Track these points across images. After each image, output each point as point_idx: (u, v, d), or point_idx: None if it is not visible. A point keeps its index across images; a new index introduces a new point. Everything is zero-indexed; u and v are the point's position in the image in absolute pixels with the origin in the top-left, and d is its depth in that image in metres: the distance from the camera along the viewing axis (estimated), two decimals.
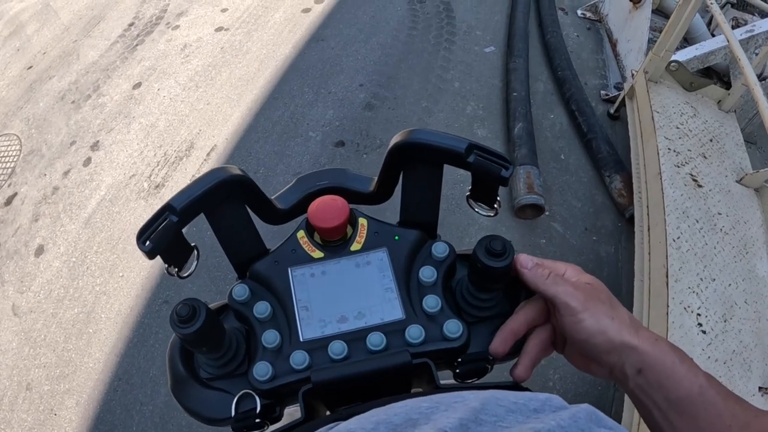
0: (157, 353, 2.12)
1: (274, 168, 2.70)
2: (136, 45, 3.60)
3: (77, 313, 2.28)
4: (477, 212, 0.57)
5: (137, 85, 3.29)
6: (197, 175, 2.27)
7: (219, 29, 3.63)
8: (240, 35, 3.56)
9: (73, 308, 2.30)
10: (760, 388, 1.51)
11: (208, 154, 2.81)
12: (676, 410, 0.45)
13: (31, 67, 3.65)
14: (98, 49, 3.65)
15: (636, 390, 0.47)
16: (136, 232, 0.51)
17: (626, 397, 1.70)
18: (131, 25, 3.81)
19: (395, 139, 0.55)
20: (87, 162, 2.87)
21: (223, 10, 3.80)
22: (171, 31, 3.68)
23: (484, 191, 0.55)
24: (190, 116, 3.04)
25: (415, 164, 0.57)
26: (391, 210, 0.64)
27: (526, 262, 0.53)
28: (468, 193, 0.57)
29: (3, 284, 2.45)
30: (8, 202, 2.79)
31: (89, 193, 2.72)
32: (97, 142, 2.97)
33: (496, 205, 0.56)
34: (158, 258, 0.51)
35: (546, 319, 0.55)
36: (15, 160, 3.01)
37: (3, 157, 3.06)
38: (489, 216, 0.57)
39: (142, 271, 2.34)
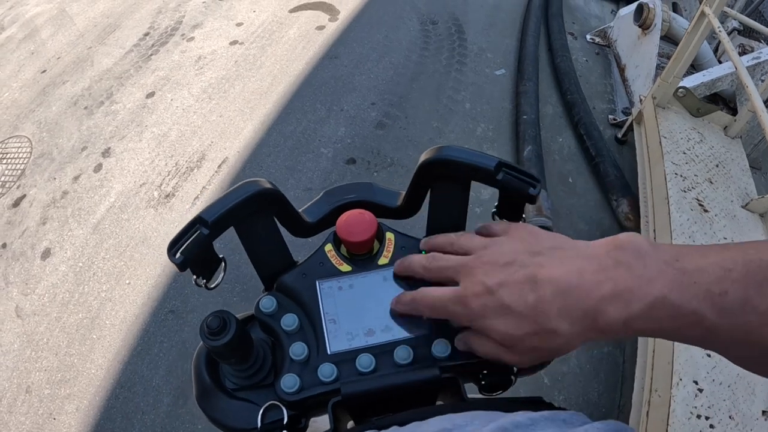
0: (161, 362, 2.11)
1: (285, 183, 2.71)
2: (151, 55, 3.64)
3: (81, 319, 2.28)
4: None
5: (150, 95, 3.32)
6: (208, 187, 2.30)
7: (233, 43, 3.67)
8: (254, 49, 3.59)
9: (77, 313, 2.29)
10: (763, 411, 1.51)
11: (219, 166, 2.82)
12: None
13: (44, 71, 3.68)
14: (112, 56, 3.69)
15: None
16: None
17: (631, 417, 1.70)
18: (146, 34, 3.86)
19: (425, 156, 0.56)
20: (98, 168, 2.89)
21: (238, 24, 3.85)
22: (186, 42, 3.72)
23: (510, 208, 0.56)
24: (202, 128, 3.06)
25: (444, 181, 0.58)
26: (415, 223, 0.65)
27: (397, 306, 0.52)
28: (494, 210, 0.58)
29: (8, 285, 2.45)
30: (17, 203, 2.81)
31: (99, 199, 2.73)
32: (109, 149, 3.00)
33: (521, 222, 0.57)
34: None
35: None
36: (25, 162, 3.03)
37: (13, 158, 3.08)
38: None
39: (149, 279, 2.34)
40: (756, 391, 1.55)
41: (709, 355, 1.59)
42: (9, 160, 3.07)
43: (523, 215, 0.57)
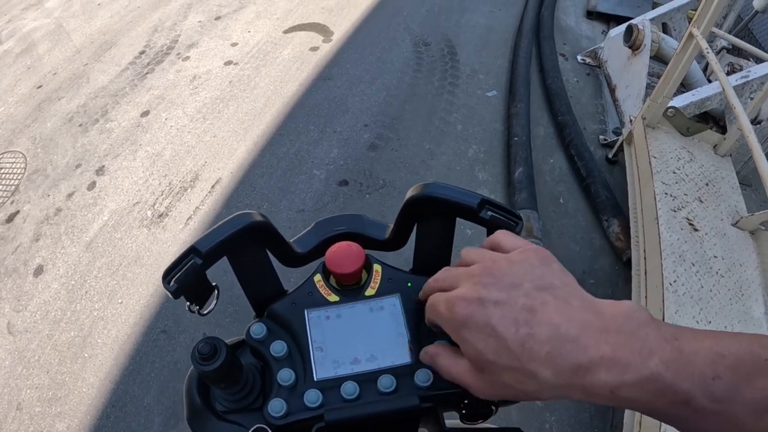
0: (152, 382, 2.10)
1: (278, 204, 2.72)
2: (146, 73, 3.67)
3: (73, 337, 2.27)
4: None
5: (145, 113, 3.34)
6: (201, 207, 2.31)
7: (228, 63, 3.71)
8: (249, 70, 3.63)
9: (69, 331, 2.29)
10: None
11: (212, 187, 2.83)
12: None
13: (40, 86, 3.71)
14: (108, 74, 3.72)
15: None
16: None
17: None
18: (142, 53, 3.89)
19: (411, 192, 0.58)
20: (91, 186, 2.90)
21: (233, 45, 3.89)
22: (181, 61, 3.76)
23: None
24: (196, 147, 3.08)
25: (429, 216, 0.60)
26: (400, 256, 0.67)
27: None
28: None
29: None
30: (10, 219, 2.81)
31: (92, 217, 2.74)
32: (103, 166, 3.01)
33: None
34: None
35: None
36: (19, 177, 3.04)
37: (7, 173, 3.08)
38: None
39: (142, 299, 2.34)
40: None
41: None
42: (3, 176, 3.07)
43: None
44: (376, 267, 0.61)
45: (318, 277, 0.60)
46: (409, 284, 0.60)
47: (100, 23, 4.34)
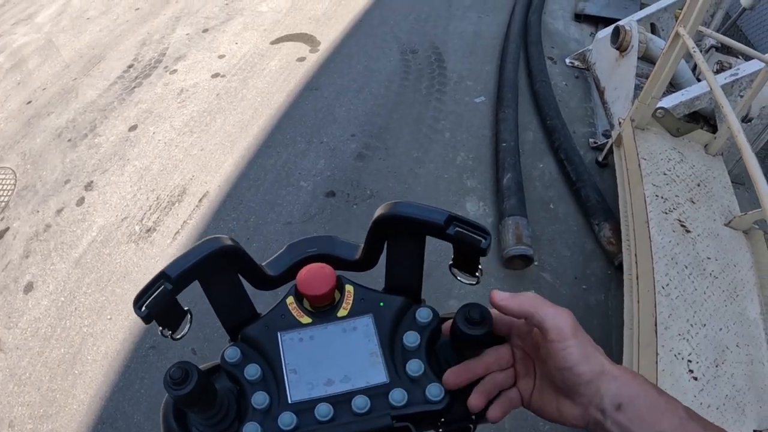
0: (142, 398, 2.09)
1: (265, 217, 2.71)
2: (134, 87, 3.67)
3: (63, 353, 2.26)
4: (459, 280, 0.60)
5: (133, 128, 3.33)
6: (189, 221, 2.29)
7: (215, 75, 3.71)
8: (236, 82, 3.63)
9: (59, 348, 2.28)
10: (755, 431, 1.50)
11: (200, 201, 2.83)
12: None
13: (30, 102, 3.71)
14: (97, 88, 3.72)
15: (614, 428, 0.46)
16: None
17: None
18: (130, 66, 3.89)
19: (379, 212, 0.59)
20: (80, 202, 2.89)
21: (220, 57, 3.89)
22: (169, 75, 3.76)
23: (465, 261, 0.58)
24: (183, 161, 3.07)
25: (399, 235, 0.60)
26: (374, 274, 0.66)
27: (503, 296, 0.51)
28: (451, 263, 0.60)
29: None
30: (0, 236, 2.80)
31: (81, 233, 2.73)
32: (91, 182, 3.00)
33: (477, 274, 0.59)
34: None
35: (508, 364, 0.55)
36: (9, 194, 3.03)
37: None
38: (471, 284, 0.60)
39: (131, 315, 2.33)
40: (746, 411, 1.54)
41: (695, 378, 1.59)
42: None
43: (480, 266, 0.58)
44: (348, 288, 0.61)
45: (290, 300, 0.61)
46: (382, 303, 0.60)
47: (89, 38, 4.35)
